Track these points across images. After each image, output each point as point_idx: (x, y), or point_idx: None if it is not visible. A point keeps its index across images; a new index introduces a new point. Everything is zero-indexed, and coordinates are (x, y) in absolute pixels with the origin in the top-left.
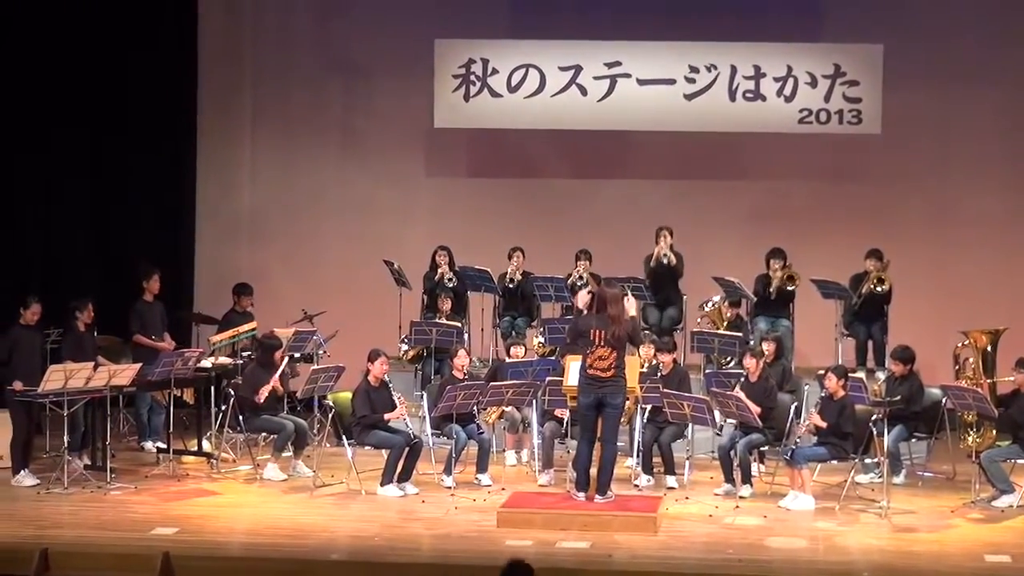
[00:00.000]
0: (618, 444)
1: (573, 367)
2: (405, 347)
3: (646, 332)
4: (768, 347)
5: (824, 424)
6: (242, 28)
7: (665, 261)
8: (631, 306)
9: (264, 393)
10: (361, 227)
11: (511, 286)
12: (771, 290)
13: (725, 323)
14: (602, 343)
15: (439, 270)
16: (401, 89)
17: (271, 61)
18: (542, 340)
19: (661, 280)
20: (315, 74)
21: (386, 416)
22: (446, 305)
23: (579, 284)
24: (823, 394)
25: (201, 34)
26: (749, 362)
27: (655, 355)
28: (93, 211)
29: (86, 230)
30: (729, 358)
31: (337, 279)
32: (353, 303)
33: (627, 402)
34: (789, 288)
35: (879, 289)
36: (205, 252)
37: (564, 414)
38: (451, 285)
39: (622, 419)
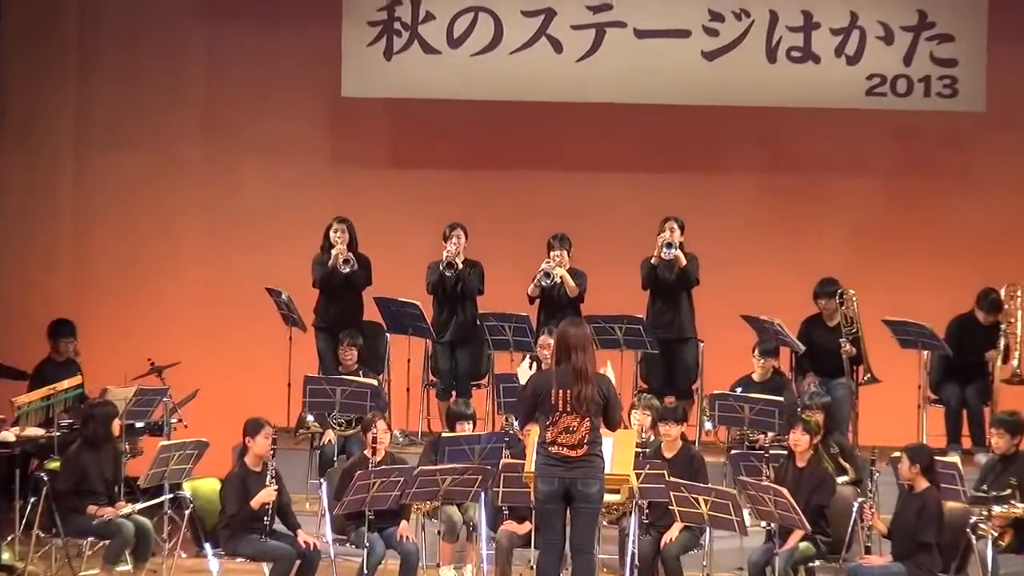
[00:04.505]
0: (599, 555)
1: None
2: (311, 418)
3: (645, 394)
4: (815, 418)
5: (884, 529)
6: None
7: (670, 255)
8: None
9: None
10: (235, 242)
11: (447, 284)
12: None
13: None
14: (567, 408)
15: (334, 251)
16: (294, 44)
17: (106, 6)
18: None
19: (665, 290)
20: (169, 24)
21: (253, 502)
22: (349, 356)
23: (544, 282)
24: (903, 485)
25: None
26: (798, 438)
27: (655, 426)
28: None
29: None
30: (766, 433)
31: (198, 317)
32: (222, 350)
33: (616, 496)
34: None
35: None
36: (8, 283)
37: (521, 529)
38: (347, 270)
39: (604, 517)
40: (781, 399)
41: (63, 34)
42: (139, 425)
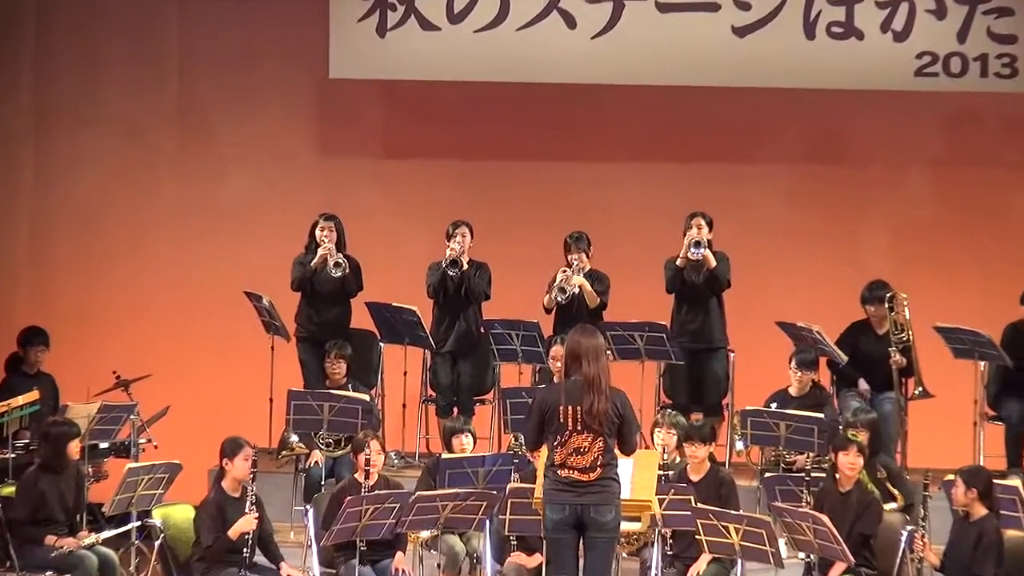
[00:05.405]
0: None
1: None
2: (295, 438)
3: (670, 411)
4: (860, 437)
5: (936, 561)
6: None
7: (698, 255)
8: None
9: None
10: (211, 241)
11: (450, 286)
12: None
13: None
14: (577, 427)
15: (320, 251)
16: (276, 19)
17: None
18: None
19: (692, 294)
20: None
21: (231, 531)
22: (337, 369)
23: (560, 298)
24: (958, 512)
25: None
26: (853, 461)
27: (680, 446)
28: None
29: None
30: (804, 453)
31: (170, 325)
32: (196, 362)
33: (636, 524)
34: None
35: None
36: None
37: (531, 562)
38: (338, 273)
39: (623, 548)
40: (821, 416)
41: (18, 6)
42: (103, 446)
